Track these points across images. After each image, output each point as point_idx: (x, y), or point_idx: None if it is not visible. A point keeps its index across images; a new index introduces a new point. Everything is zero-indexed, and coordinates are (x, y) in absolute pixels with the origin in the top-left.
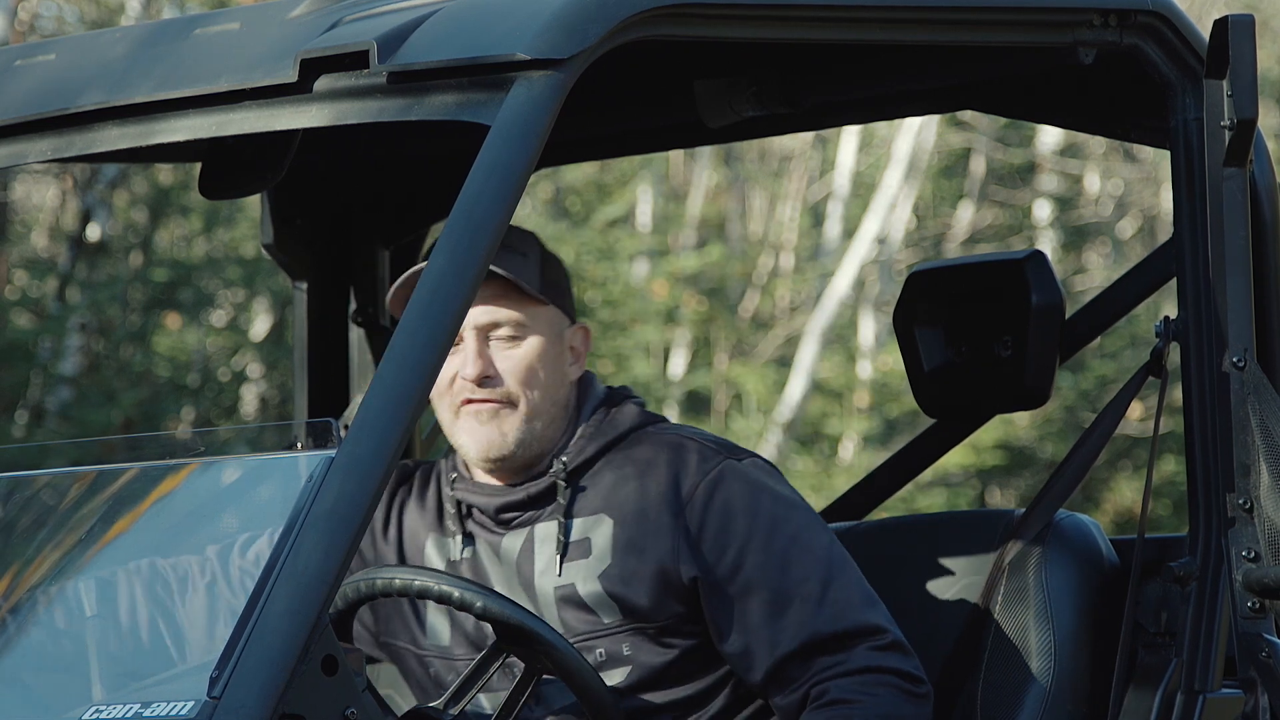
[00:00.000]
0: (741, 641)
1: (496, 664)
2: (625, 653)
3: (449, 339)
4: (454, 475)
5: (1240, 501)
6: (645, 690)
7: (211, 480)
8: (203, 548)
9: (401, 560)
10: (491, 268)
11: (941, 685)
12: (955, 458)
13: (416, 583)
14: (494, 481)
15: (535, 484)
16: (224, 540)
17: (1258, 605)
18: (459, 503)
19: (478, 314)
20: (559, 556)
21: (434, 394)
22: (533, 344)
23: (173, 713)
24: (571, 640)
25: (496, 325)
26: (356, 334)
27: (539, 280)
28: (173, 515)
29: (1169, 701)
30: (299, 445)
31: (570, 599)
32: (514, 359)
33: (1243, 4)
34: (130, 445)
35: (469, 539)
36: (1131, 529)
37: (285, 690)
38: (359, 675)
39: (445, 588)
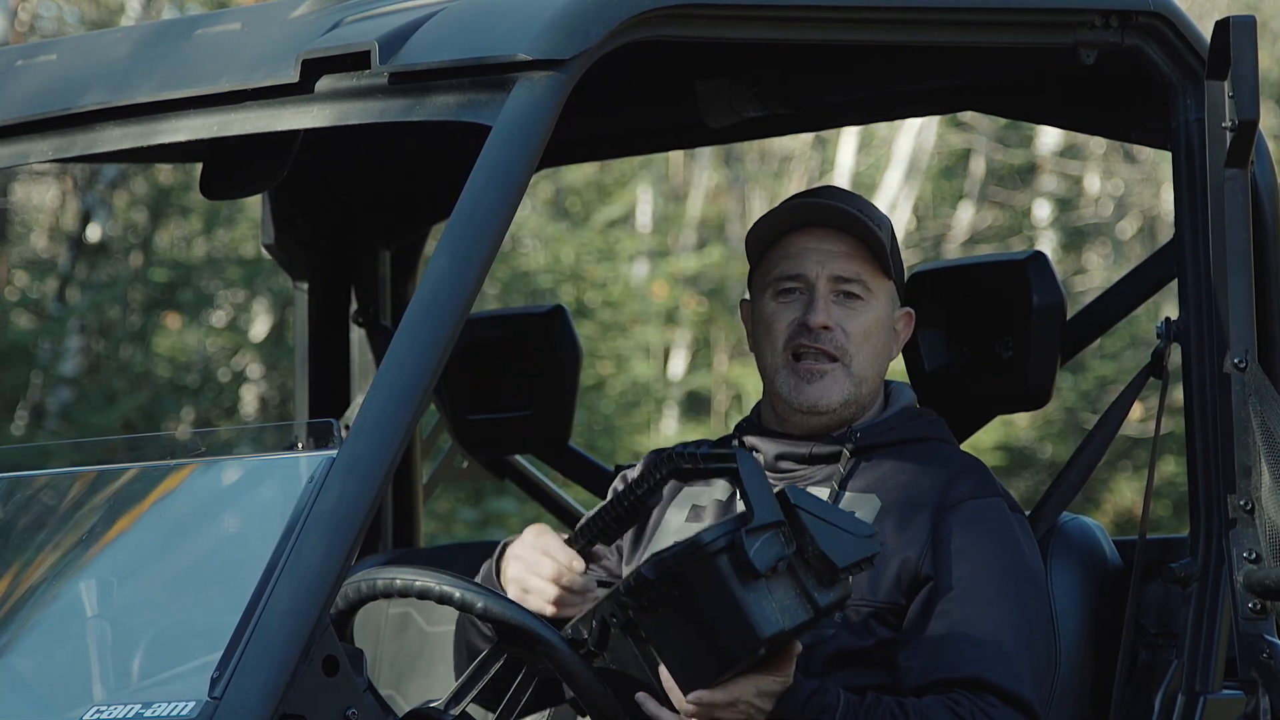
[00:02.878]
0: (916, 649)
1: (497, 664)
2: (833, 624)
3: (450, 339)
4: (744, 423)
5: (1241, 502)
6: (831, 668)
7: (212, 481)
8: (203, 548)
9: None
10: (853, 215)
11: None
12: None
13: (418, 583)
14: (780, 430)
15: (822, 445)
16: (224, 540)
17: (1258, 606)
18: (742, 445)
19: (832, 266)
20: None
21: (766, 339)
22: (875, 309)
23: (174, 713)
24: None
25: (847, 280)
26: (357, 334)
27: (887, 251)
28: (173, 515)
29: (1170, 702)
30: (300, 446)
31: None
32: (856, 319)
33: (1244, 5)
34: (131, 446)
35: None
36: (1132, 529)
37: (286, 690)
38: (359, 675)
39: (446, 588)
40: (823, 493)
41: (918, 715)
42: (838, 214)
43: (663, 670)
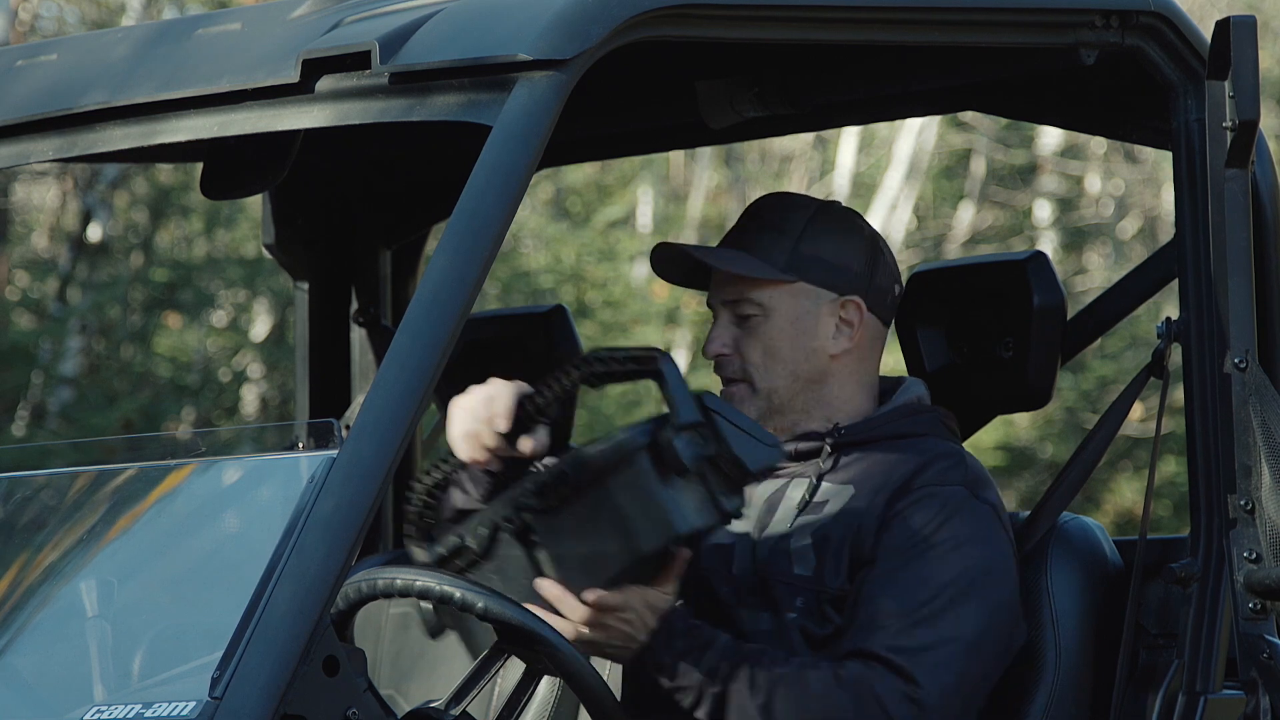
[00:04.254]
0: (848, 618)
1: (498, 664)
2: (797, 605)
3: (450, 339)
4: None
5: (1242, 502)
6: (792, 648)
7: (212, 481)
8: (203, 548)
9: None
10: (693, 256)
11: None
12: None
13: (418, 583)
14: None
15: (805, 442)
16: (224, 540)
17: (1259, 606)
18: None
19: (720, 292)
20: (798, 512)
21: None
22: (776, 320)
23: (174, 713)
24: (773, 582)
25: (735, 302)
26: (358, 334)
27: (787, 258)
28: (173, 515)
29: (1170, 702)
30: (300, 446)
31: (783, 547)
32: (753, 338)
33: (1244, 5)
34: (131, 446)
35: None
36: (1132, 530)
37: (287, 691)
38: (360, 676)
39: (446, 588)
40: (802, 485)
41: (798, 671)
42: (687, 258)
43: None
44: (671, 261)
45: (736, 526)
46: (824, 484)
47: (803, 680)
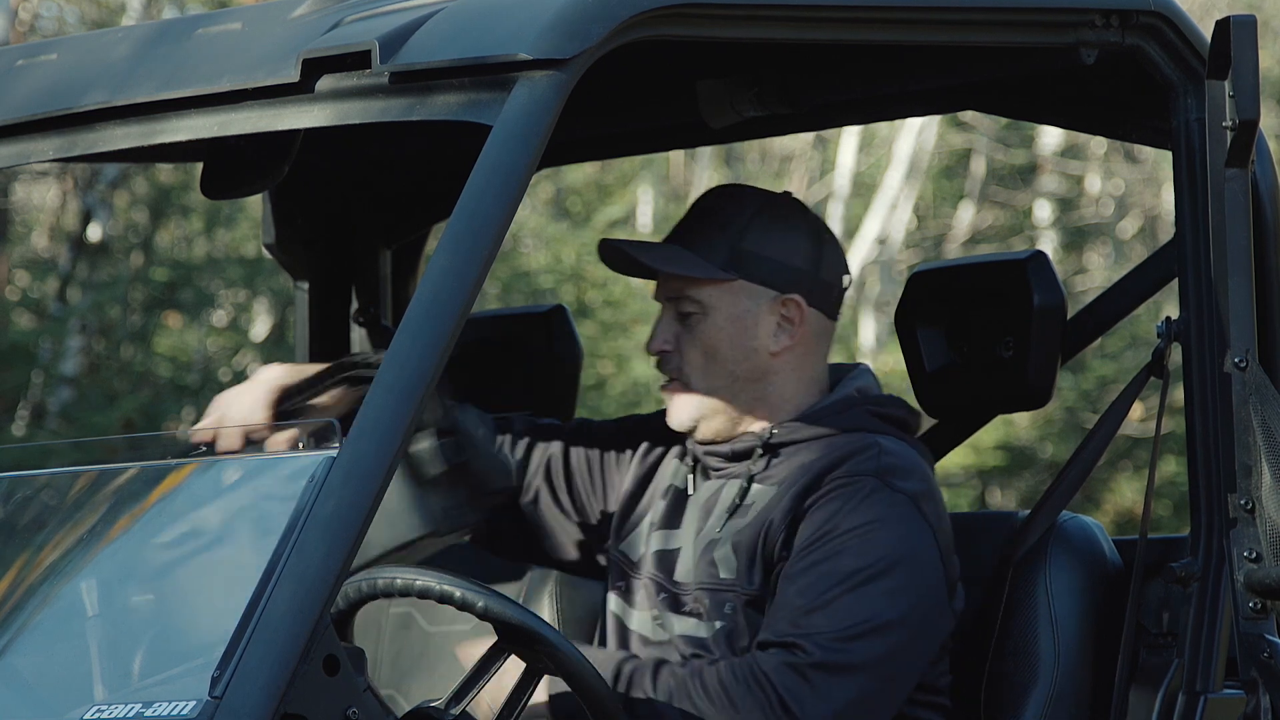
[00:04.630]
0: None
1: (497, 664)
2: (725, 612)
3: (450, 339)
4: None
5: (1242, 502)
6: (724, 654)
7: (213, 480)
8: (203, 547)
9: (643, 476)
10: (636, 261)
11: (944, 686)
12: (956, 458)
13: (418, 583)
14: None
15: (740, 443)
16: (224, 540)
17: (1259, 606)
18: (684, 444)
19: (664, 287)
20: (728, 515)
21: None
22: (715, 319)
23: (174, 712)
24: (692, 587)
25: (677, 299)
26: (358, 334)
27: (727, 255)
28: (174, 515)
29: (1170, 702)
30: (300, 445)
31: (708, 551)
32: (692, 337)
33: (1244, 4)
34: (131, 445)
35: (688, 476)
36: (1132, 529)
37: (287, 690)
38: (360, 675)
39: (446, 588)
40: (734, 488)
41: (692, 674)
42: (632, 263)
43: None
44: (618, 255)
45: (681, 533)
46: (754, 486)
47: (699, 679)
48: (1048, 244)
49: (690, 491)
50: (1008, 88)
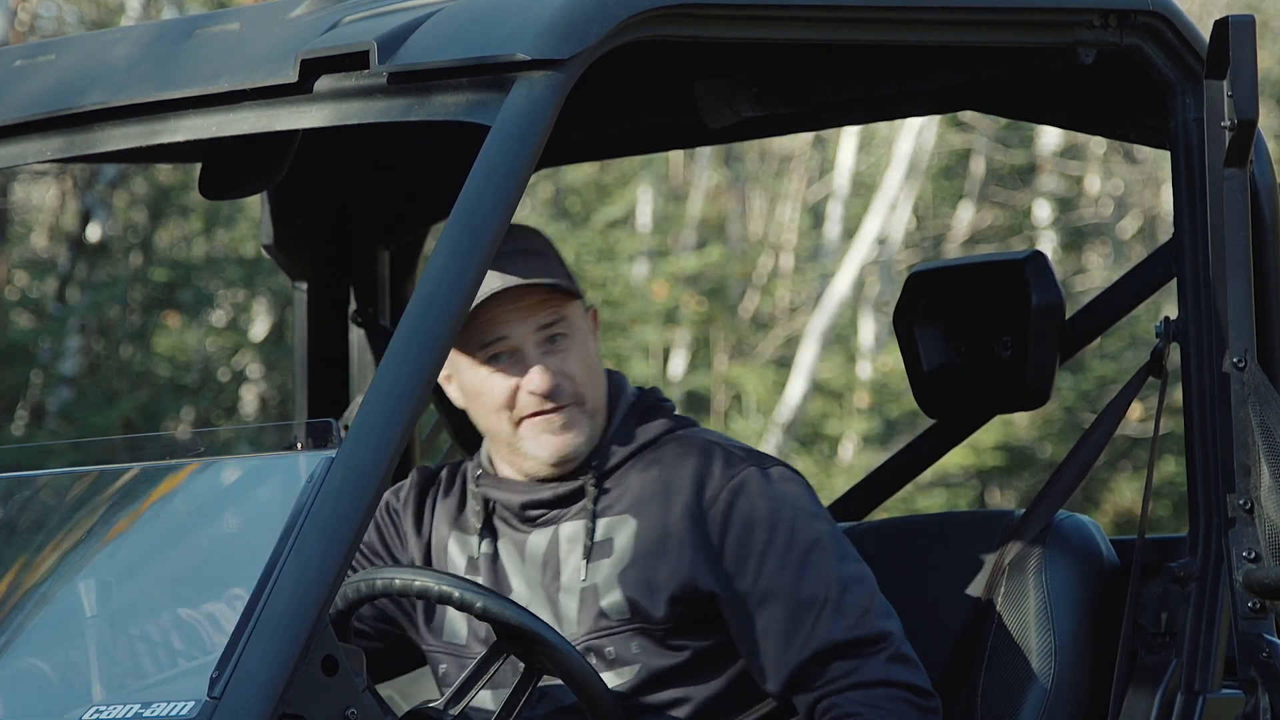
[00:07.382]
0: (760, 650)
1: (497, 664)
2: (634, 652)
3: (449, 339)
4: (479, 472)
5: (1240, 502)
6: (652, 691)
7: (211, 480)
8: (203, 548)
9: (426, 561)
10: (534, 281)
11: (941, 686)
12: (955, 458)
13: (417, 583)
14: (519, 478)
15: (564, 484)
16: (224, 540)
17: (1258, 605)
18: (485, 499)
19: (530, 324)
20: (585, 558)
21: (487, 410)
22: (579, 334)
23: (173, 713)
24: (583, 638)
25: (549, 325)
26: (356, 334)
27: (566, 274)
28: (173, 515)
29: (1169, 702)
30: (299, 445)
31: (590, 598)
32: (571, 358)
33: (1243, 4)
34: (130, 445)
35: (491, 535)
36: (1131, 529)
37: (285, 690)
38: (359, 675)
39: (445, 588)
40: (580, 526)
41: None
42: (531, 288)
43: None
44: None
45: (516, 597)
46: (600, 521)
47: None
48: (1047, 244)
49: (479, 553)
50: (1007, 88)
